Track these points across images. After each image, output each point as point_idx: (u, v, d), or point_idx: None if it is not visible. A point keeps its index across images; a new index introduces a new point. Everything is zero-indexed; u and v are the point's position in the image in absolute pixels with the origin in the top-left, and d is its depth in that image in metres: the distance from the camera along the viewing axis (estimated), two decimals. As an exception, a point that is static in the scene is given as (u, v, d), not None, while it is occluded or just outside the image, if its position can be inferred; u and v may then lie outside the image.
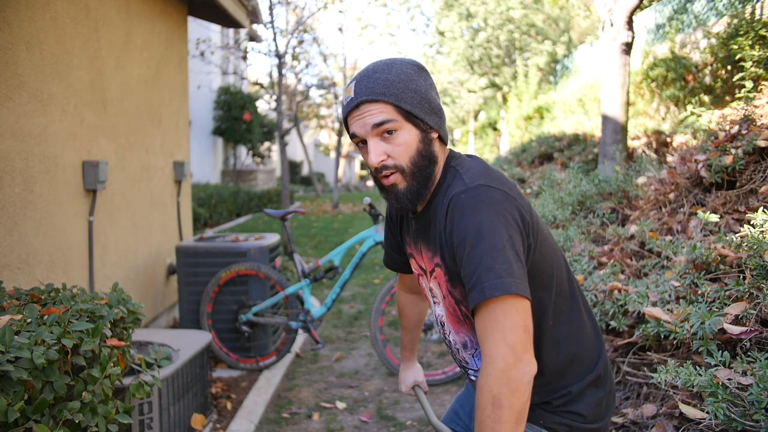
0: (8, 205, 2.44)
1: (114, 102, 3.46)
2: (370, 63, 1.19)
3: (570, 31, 11.49)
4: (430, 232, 1.19)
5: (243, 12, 5.12)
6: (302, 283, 3.47)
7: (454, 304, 1.18)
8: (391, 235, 1.43)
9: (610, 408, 1.24)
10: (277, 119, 7.98)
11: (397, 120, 1.11)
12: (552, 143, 7.04)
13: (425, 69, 1.19)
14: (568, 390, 1.18)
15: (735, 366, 1.60)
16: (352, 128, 1.15)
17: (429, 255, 1.22)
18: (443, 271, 1.17)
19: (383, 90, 1.11)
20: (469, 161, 1.18)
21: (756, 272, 1.91)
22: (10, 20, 2.46)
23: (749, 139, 2.62)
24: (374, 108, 1.11)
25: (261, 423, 2.94)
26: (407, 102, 1.11)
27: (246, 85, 16.47)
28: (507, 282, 0.98)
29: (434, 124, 1.16)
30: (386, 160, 1.13)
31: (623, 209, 3.51)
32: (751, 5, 4.15)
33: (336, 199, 14.76)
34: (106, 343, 1.62)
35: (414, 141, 1.13)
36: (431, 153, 1.15)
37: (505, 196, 1.06)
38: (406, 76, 1.13)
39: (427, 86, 1.16)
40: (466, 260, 1.03)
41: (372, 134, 1.12)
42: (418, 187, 1.14)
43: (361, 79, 1.14)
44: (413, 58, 1.20)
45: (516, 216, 1.06)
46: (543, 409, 1.21)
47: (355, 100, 1.12)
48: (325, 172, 28.94)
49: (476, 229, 1.02)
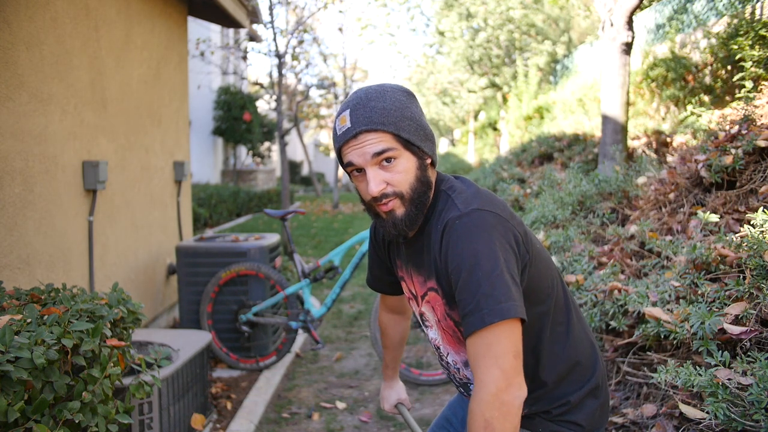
0: (8, 205, 2.44)
1: (114, 102, 3.46)
2: (358, 90, 1.17)
3: (570, 31, 11.49)
4: (423, 257, 1.20)
5: (243, 12, 5.12)
6: (302, 283, 3.47)
7: (453, 326, 1.18)
8: (378, 258, 1.42)
9: (604, 417, 1.25)
10: (277, 119, 7.98)
11: (397, 148, 1.11)
12: (552, 143, 7.04)
13: (413, 94, 1.20)
14: (567, 399, 1.20)
15: (735, 366, 1.60)
16: (349, 158, 1.13)
17: (420, 280, 1.22)
18: (439, 295, 1.17)
19: (381, 119, 1.10)
20: (459, 184, 1.19)
21: (756, 272, 1.91)
22: (10, 20, 2.46)
23: (749, 139, 2.62)
24: (373, 137, 1.10)
25: (261, 423, 2.94)
26: (405, 130, 1.12)
27: (246, 85, 16.47)
28: (505, 307, 1.00)
29: (428, 150, 1.17)
30: (386, 189, 1.12)
31: (623, 209, 3.51)
32: (751, 5, 4.15)
33: (336, 199, 14.75)
34: (106, 343, 1.62)
35: (412, 168, 1.13)
36: (428, 178, 1.17)
37: (499, 219, 1.08)
38: (401, 103, 1.13)
39: (419, 113, 1.17)
40: (462, 286, 1.04)
41: (371, 163, 1.11)
42: (416, 213, 1.15)
43: (355, 107, 1.12)
44: (399, 84, 1.20)
45: (510, 238, 1.08)
46: (542, 417, 1.21)
47: (353, 129, 1.11)
48: (325, 172, 28.93)
49: (472, 256, 1.03)
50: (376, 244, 1.41)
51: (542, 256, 1.18)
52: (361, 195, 1.18)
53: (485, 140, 14.58)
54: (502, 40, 12.04)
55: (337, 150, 1.16)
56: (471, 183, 1.20)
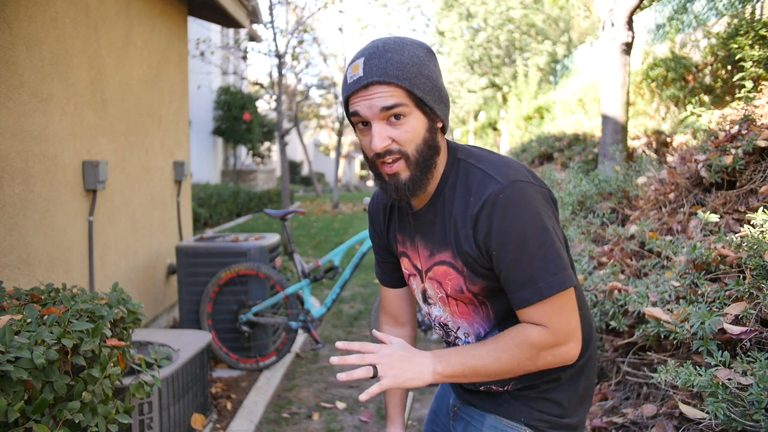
0: (8, 205, 2.44)
1: (114, 102, 3.46)
2: (377, 39, 1.10)
3: (570, 31, 11.49)
4: (435, 228, 1.15)
5: (243, 12, 5.12)
6: (302, 283, 3.47)
7: (472, 297, 1.15)
8: (379, 239, 1.34)
9: (586, 402, 1.22)
10: (277, 119, 7.98)
11: (408, 105, 1.04)
12: (552, 143, 7.04)
13: (434, 53, 1.12)
14: (558, 375, 1.17)
15: (735, 366, 1.60)
16: (356, 107, 1.06)
17: (426, 254, 1.18)
18: (455, 269, 1.12)
19: (397, 72, 1.03)
20: (478, 152, 1.15)
21: (756, 272, 1.91)
22: (10, 20, 2.46)
23: (749, 139, 2.62)
24: (385, 90, 1.03)
25: (261, 423, 2.94)
26: (420, 88, 1.05)
27: (246, 85, 16.47)
28: (560, 278, 1.04)
29: (441, 114, 1.10)
30: (391, 145, 1.06)
31: (623, 209, 3.51)
32: (751, 5, 4.15)
33: (336, 199, 14.76)
34: (106, 343, 1.62)
35: (421, 129, 1.07)
36: (436, 143, 1.10)
37: (536, 188, 1.07)
38: (419, 59, 1.06)
39: (437, 73, 1.10)
40: (512, 262, 1.04)
41: (378, 117, 1.04)
42: (420, 177, 1.09)
43: (370, 57, 1.05)
44: (421, 40, 1.13)
45: (551, 204, 1.09)
46: (524, 397, 1.18)
47: (365, 79, 1.04)
48: (325, 172, 28.93)
49: (520, 230, 1.03)
50: (375, 222, 1.34)
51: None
52: (364, 151, 1.12)
53: (485, 140, 14.57)
54: (502, 40, 12.05)
55: (345, 98, 1.09)
56: (488, 150, 1.16)
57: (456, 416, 1.32)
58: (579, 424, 1.20)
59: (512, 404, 1.19)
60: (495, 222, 1.04)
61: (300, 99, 13.82)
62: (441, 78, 1.12)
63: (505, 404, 1.20)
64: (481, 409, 1.24)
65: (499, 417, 1.20)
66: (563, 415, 1.18)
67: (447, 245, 1.13)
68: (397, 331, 1.40)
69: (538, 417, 1.17)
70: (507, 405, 1.20)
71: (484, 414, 1.23)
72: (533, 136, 8.47)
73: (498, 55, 12.47)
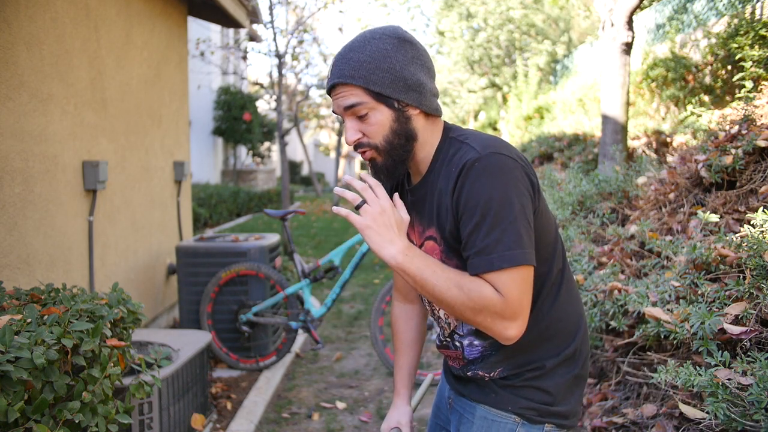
0: (8, 205, 2.44)
1: (114, 102, 3.46)
2: (353, 38, 1.17)
3: (570, 31, 11.48)
4: (425, 205, 1.19)
5: (243, 12, 5.12)
6: (302, 283, 3.47)
7: None
8: None
9: (577, 393, 1.22)
10: (277, 119, 7.98)
11: (368, 102, 1.11)
12: (552, 143, 7.04)
13: (408, 40, 1.15)
14: (543, 363, 1.18)
15: (735, 366, 1.60)
16: (332, 106, 1.17)
17: (420, 230, 1.22)
18: (437, 243, 1.17)
19: (352, 72, 1.10)
20: (470, 131, 1.18)
21: (756, 272, 1.91)
22: (10, 20, 2.46)
23: (749, 139, 2.62)
24: (345, 91, 1.12)
25: (261, 423, 2.94)
26: (376, 84, 1.10)
27: (246, 85, 16.47)
28: (515, 253, 1.03)
29: (412, 101, 1.13)
30: (361, 139, 1.14)
31: (623, 209, 3.51)
32: (751, 5, 4.15)
33: (336, 199, 14.75)
34: (106, 343, 1.62)
35: (387, 121, 1.12)
36: (408, 130, 1.14)
37: (516, 164, 1.08)
38: (381, 53, 1.11)
39: (405, 61, 1.12)
40: (473, 228, 1.06)
41: (346, 114, 1.14)
42: (393, 164, 1.16)
43: (336, 59, 1.14)
44: (399, 26, 1.18)
45: (526, 183, 1.09)
46: (511, 386, 1.19)
47: (330, 81, 1.14)
48: (325, 172, 28.93)
49: (488, 200, 1.04)
50: None
51: (546, 207, 1.18)
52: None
53: (485, 140, 14.54)
54: (502, 40, 12.04)
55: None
56: (483, 132, 1.19)
57: (451, 408, 1.35)
58: (570, 413, 1.20)
59: (500, 394, 1.20)
60: (466, 186, 1.07)
61: (300, 99, 13.81)
62: (413, 65, 1.14)
63: (493, 394, 1.21)
64: (471, 399, 1.26)
65: (489, 407, 1.22)
66: (551, 402, 1.18)
67: (433, 220, 1.17)
68: (407, 307, 1.48)
69: (526, 405, 1.18)
70: (495, 395, 1.21)
71: (475, 405, 1.25)
72: (533, 136, 8.47)
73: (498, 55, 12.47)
